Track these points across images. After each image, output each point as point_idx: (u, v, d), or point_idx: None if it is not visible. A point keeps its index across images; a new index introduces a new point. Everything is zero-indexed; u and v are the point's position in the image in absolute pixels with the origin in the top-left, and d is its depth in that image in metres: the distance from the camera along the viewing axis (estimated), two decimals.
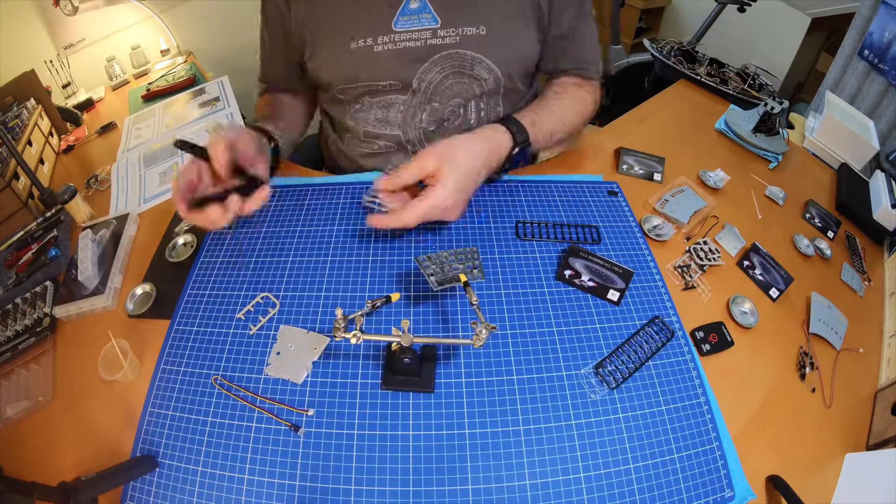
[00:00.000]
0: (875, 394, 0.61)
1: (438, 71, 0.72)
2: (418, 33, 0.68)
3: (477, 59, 0.71)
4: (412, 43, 0.69)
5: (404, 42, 0.68)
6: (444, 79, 0.73)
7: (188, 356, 0.58)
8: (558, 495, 0.47)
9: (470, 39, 0.69)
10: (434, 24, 0.68)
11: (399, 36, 0.68)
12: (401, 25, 0.68)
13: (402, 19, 0.67)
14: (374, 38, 0.68)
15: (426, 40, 0.69)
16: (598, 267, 0.64)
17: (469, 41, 0.70)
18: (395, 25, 0.68)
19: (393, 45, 0.68)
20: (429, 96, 0.74)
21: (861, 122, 0.99)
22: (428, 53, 0.70)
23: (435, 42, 0.69)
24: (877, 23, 1.20)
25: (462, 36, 0.69)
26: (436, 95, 0.74)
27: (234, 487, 0.48)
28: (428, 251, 0.66)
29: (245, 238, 0.69)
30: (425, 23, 0.68)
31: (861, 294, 0.73)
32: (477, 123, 0.79)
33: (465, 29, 0.69)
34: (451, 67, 0.72)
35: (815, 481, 0.53)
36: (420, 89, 0.73)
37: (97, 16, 1.36)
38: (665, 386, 0.55)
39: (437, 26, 0.68)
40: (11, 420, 0.56)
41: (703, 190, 0.80)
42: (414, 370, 0.52)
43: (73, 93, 1.29)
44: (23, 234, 0.82)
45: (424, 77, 0.72)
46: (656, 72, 1.29)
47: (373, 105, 0.76)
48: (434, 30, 0.68)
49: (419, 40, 0.69)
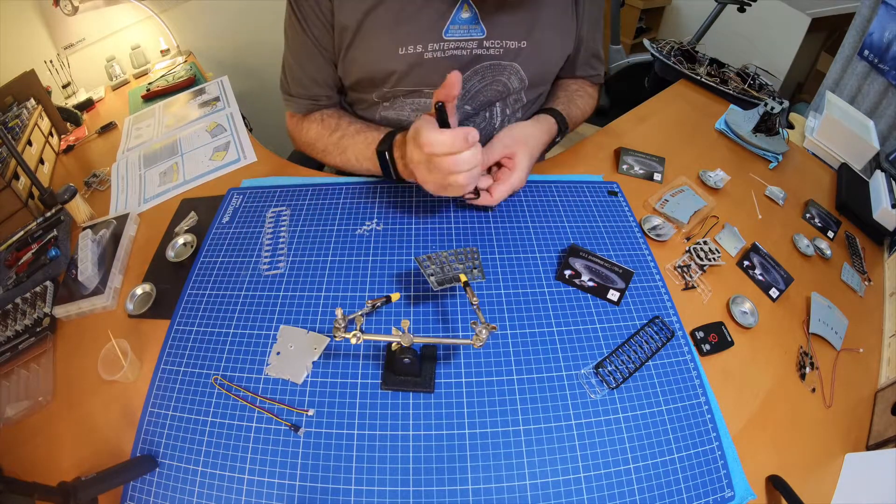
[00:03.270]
0: (875, 394, 0.61)
1: (479, 80, 0.74)
2: (466, 43, 0.69)
3: (514, 70, 0.74)
4: (459, 52, 0.70)
5: (452, 51, 0.69)
6: (483, 88, 0.75)
7: (188, 356, 0.58)
8: (558, 495, 0.47)
9: (512, 52, 0.71)
10: (481, 35, 0.69)
11: (448, 44, 0.69)
12: (451, 34, 0.68)
13: (452, 28, 0.68)
14: (423, 44, 0.68)
15: (472, 50, 0.70)
16: (598, 267, 0.64)
17: (511, 54, 0.72)
18: (445, 34, 0.68)
19: (442, 53, 0.69)
20: (464, 102, 0.76)
21: (861, 122, 0.99)
22: (472, 62, 0.71)
23: (480, 52, 0.70)
24: (877, 23, 1.20)
25: (505, 48, 0.71)
26: (470, 101, 0.76)
27: (234, 487, 0.48)
28: (428, 251, 0.66)
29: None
30: (473, 33, 0.69)
31: (861, 294, 0.73)
32: (501, 124, 0.82)
33: (508, 42, 0.70)
34: (490, 76, 0.74)
35: (815, 481, 0.53)
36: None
37: (97, 16, 1.36)
38: (665, 386, 0.55)
39: (483, 37, 0.69)
40: (11, 420, 0.56)
41: (703, 190, 0.80)
42: (414, 370, 0.52)
43: (73, 93, 1.28)
44: (23, 234, 0.82)
45: (465, 84, 0.73)
46: (656, 72, 1.29)
47: (405, 106, 0.76)
48: (480, 40, 0.69)
49: (466, 49, 0.70)
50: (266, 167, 0.87)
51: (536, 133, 0.71)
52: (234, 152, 0.91)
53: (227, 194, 0.79)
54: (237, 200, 0.77)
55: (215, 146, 0.94)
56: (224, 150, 0.93)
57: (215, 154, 0.92)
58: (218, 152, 0.92)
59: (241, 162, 0.88)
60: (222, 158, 0.90)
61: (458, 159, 0.54)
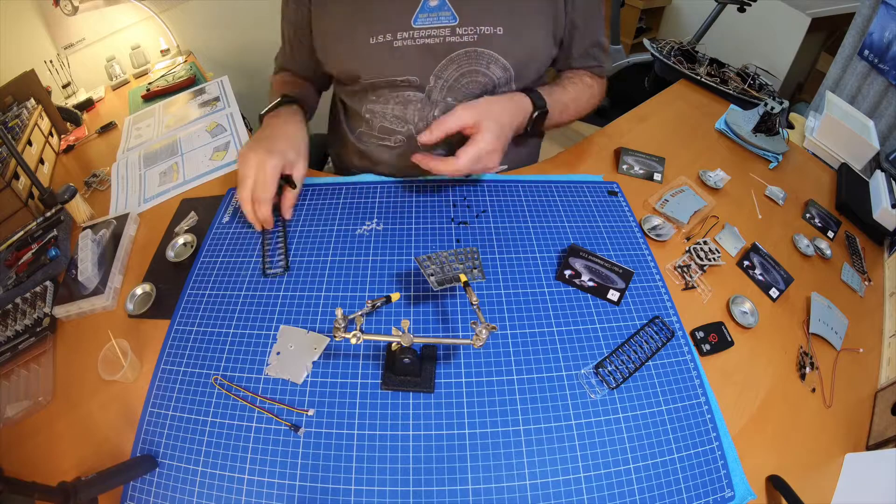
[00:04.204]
0: (875, 394, 0.61)
1: (455, 68, 0.73)
2: (437, 30, 0.69)
3: (493, 58, 0.72)
4: (431, 40, 0.70)
5: (423, 39, 0.69)
6: (461, 76, 0.74)
7: (188, 356, 0.58)
8: (558, 495, 0.47)
9: (487, 38, 0.71)
10: (453, 22, 0.69)
11: (418, 32, 0.69)
12: (420, 22, 0.68)
13: (420, 16, 0.68)
14: (392, 33, 0.69)
15: (445, 38, 0.70)
16: (598, 267, 0.64)
17: (486, 40, 0.71)
18: (415, 22, 0.68)
19: (412, 42, 0.69)
20: (444, 93, 0.75)
21: (861, 122, 0.99)
22: (446, 51, 0.71)
23: (453, 40, 0.70)
24: (877, 23, 1.20)
25: (480, 35, 0.70)
26: (451, 92, 0.75)
27: (234, 487, 0.48)
28: (428, 251, 0.66)
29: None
30: (444, 20, 0.69)
31: (861, 294, 0.73)
32: None
33: (482, 28, 0.70)
34: (467, 65, 0.73)
35: (815, 481, 0.53)
36: (437, 86, 0.74)
37: (97, 16, 1.35)
38: (665, 386, 0.55)
39: (456, 24, 0.69)
40: (11, 420, 0.56)
41: (703, 190, 0.80)
42: (414, 370, 0.52)
43: (73, 93, 1.28)
44: (23, 234, 0.82)
45: (441, 74, 0.73)
46: (656, 72, 1.29)
47: (390, 100, 0.77)
48: (453, 27, 0.69)
49: (438, 37, 0.70)
50: None
51: (500, 101, 0.70)
52: (234, 152, 0.91)
53: (227, 194, 0.79)
54: (237, 200, 0.77)
55: (215, 146, 0.94)
56: (224, 150, 0.93)
57: (215, 154, 0.92)
58: (218, 152, 0.92)
59: None
60: (222, 158, 0.90)
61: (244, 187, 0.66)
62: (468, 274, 0.56)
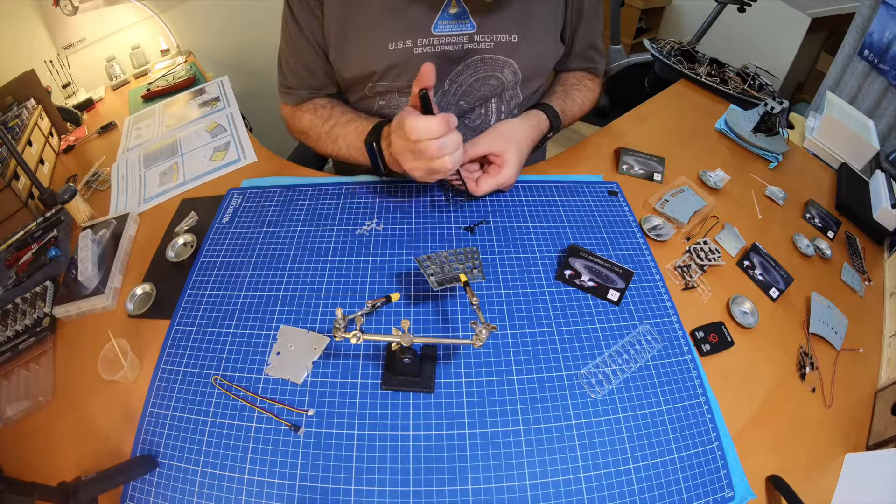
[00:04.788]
0: (875, 394, 0.61)
1: (471, 74, 0.74)
2: (456, 38, 0.70)
3: (507, 64, 0.74)
4: (450, 47, 0.70)
5: (442, 46, 0.70)
6: (475, 81, 0.75)
7: (188, 356, 0.58)
8: (558, 495, 0.47)
9: (503, 46, 0.71)
10: (471, 30, 0.69)
11: (437, 39, 0.69)
12: (440, 29, 0.69)
13: (441, 23, 0.68)
14: (413, 39, 0.69)
15: (463, 45, 0.70)
16: (598, 267, 0.64)
17: (502, 47, 0.72)
18: (434, 29, 0.69)
19: (432, 48, 0.70)
20: (458, 97, 0.76)
21: (861, 122, 0.99)
22: (464, 57, 0.72)
23: (471, 46, 0.71)
24: (877, 23, 1.20)
25: (496, 42, 0.71)
26: (464, 96, 0.76)
27: (234, 487, 0.48)
28: (428, 251, 0.66)
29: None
30: (463, 28, 0.69)
31: (861, 294, 0.73)
32: (496, 119, 0.81)
33: (499, 36, 0.71)
34: (483, 71, 0.74)
35: (815, 481, 0.53)
36: (451, 90, 0.75)
37: (97, 16, 1.35)
38: (665, 386, 0.55)
39: (474, 31, 0.70)
40: (11, 420, 0.56)
41: (703, 190, 0.80)
42: (414, 370, 0.52)
43: (73, 93, 1.28)
44: (23, 234, 0.82)
45: (456, 79, 0.74)
46: (656, 72, 1.29)
47: (400, 103, 0.77)
48: (471, 35, 0.70)
49: (457, 44, 0.70)
50: (266, 167, 0.87)
51: (524, 130, 0.72)
52: (234, 152, 0.91)
53: (227, 194, 0.79)
54: (237, 200, 0.77)
55: (215, 146, 0.94)
56: (224, 150, 0.93)
57: (215, 154, 0.92)
58: (218, 152, 0.92)
59: (241, 162, 0.88)
60: (222, 158, 0.90)
61: (443, 143, 0.56)
62: (468, 274, 0.56)
